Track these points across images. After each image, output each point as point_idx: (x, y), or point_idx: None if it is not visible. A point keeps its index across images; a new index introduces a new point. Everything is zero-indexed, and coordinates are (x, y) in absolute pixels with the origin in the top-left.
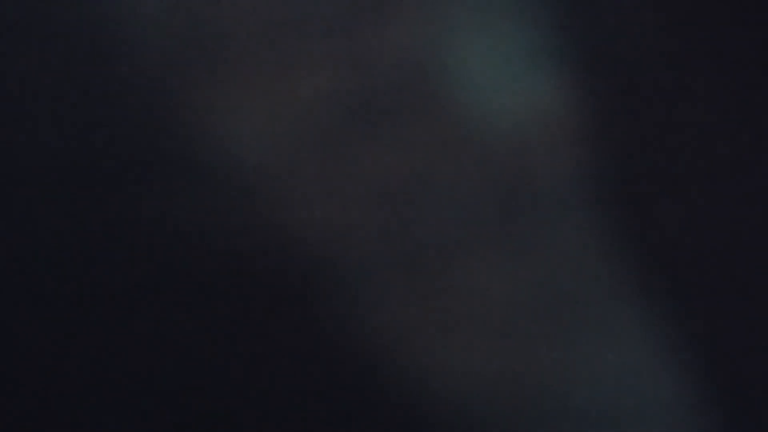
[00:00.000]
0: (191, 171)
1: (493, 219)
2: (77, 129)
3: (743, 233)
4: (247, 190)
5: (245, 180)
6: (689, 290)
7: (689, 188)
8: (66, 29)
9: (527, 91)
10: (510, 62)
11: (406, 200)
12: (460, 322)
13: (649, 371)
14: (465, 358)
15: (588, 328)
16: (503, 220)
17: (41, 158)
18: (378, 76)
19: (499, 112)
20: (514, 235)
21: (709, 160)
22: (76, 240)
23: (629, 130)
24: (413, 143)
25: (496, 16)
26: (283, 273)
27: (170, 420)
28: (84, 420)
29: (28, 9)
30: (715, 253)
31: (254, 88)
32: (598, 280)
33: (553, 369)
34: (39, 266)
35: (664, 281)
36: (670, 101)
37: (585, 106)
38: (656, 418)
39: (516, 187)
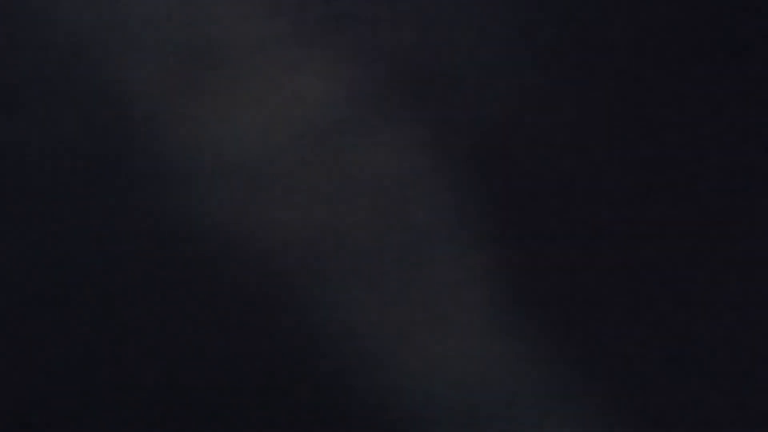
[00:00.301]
0: (190, 173)
1: (490, 220)
2: (77, 130)
3: (742, 235)
4: (243, 191)
5: (241, 181)
6: (687, 292)
7: (687, 189)
8: (67, 31)
9: (526, 92)
10: (509, 63)
11: (401, 201)
12: (454, 322)
13: (647, 372)
14: (457, 357)
15: (584, 329)
16: (501, 221)
17: (39, 161)
18: (376, 78)
19: (498, 113)
20: (514, 237)
21: (709, 162)
22: (73, 240)
23: (627, 131)
24: (412, 145)
25: (495, 16)
26: (277, 272)
27: (166, 418)
28: (82, 419)
29: (27, 11)
30: (715, 256)
31: (251, 89)
32: (595, 280)
33: (550, 369)
34: (37, 267)
35: (663, 283)
36: (669, 104)
37: (581, 106)
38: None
39: (515, 188)
